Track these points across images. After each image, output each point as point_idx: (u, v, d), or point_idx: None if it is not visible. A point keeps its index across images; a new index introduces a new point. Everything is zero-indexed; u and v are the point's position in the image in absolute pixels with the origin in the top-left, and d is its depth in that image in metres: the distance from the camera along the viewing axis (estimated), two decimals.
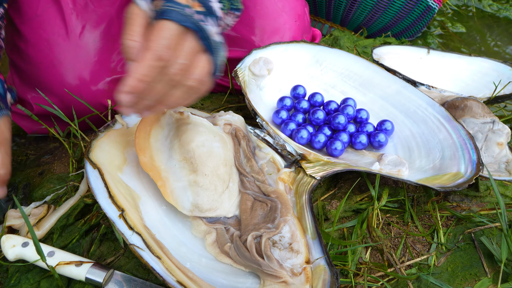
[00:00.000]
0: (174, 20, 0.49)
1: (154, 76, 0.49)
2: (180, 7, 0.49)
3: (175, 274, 0.51)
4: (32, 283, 0.61)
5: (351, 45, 1.08)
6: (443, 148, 0.72)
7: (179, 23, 0.49)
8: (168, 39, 0.49)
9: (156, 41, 0.48)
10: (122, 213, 0.56)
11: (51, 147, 0.84)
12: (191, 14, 0.50)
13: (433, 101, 0.78)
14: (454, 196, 0.71)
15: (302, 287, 0.53)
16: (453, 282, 0.61)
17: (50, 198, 0.70)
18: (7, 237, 0.61)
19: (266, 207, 0.62)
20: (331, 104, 0.79)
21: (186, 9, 0.50)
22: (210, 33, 0.52)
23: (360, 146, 0.74)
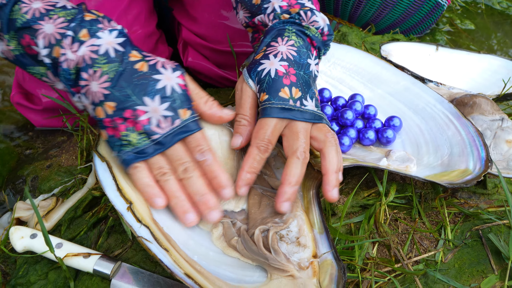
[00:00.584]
0: (277, 117, 0.58)
1: (261, 165, 0.60)
2: (281, 103, 0.58)
3: (182, 267, 0.51)
4: (40, 274, 0.61)
5: (359, 41, 1.07)
6: (451, 145, 0.71)
7: (280, 118, 0.58)
8: (270, 133, 0.59)
9: (259, 137, 0.59)
10: (130, 206, 0.56)
11: (59, 141, 0.85)
12: (293, 105, 0.59)
13: (442, 98, 0.78)
14: (462, 193, 0.71)
15: (309, 281, 0.53)
16: (460, 279, 0.61)
17: (58, 190, 0.71)
18: (16, 228, 0.62)
19: (274, 202, 0.62)
20: (339, 100, 0.79)
21: (286, 103, 0.58)
22: (309, 110, 0.59)
23: (367, 142, 0.74)
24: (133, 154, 0.56)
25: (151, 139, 0.55)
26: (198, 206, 0.57)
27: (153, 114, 0.55)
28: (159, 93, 0.55)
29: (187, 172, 0.56)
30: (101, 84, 0.55)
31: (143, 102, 0.55)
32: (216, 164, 0.58)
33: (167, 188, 0.57)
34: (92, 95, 0.55)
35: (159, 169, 0.56)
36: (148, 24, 0.88)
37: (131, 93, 0.55)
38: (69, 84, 0.57)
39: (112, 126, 0.55)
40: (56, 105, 0.81)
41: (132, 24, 0.83)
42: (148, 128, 0.55)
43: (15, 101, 0.84)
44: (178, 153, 0.56)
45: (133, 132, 0.55)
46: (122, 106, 0.54)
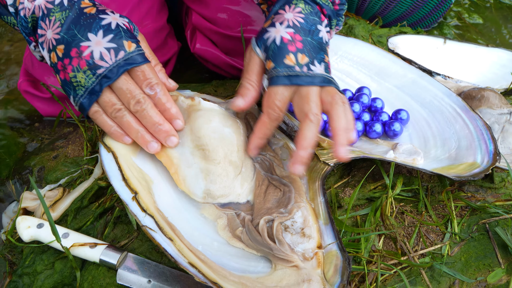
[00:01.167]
0: (284, 84, 0.59)
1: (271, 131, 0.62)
2: (286, 70, 0.59)
3: (187, 256, 0.51)
4: (47, 264, 0.62)
5: (366, 34, 1.07)
6: (459, 138, 0.71)
7: (288, 84, 0.59)
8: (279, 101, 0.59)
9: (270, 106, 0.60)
10: (135, 196, 0.56)
11: (65, 132, 0.85)
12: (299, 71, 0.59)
13: (450, 91, 0.77)
14: (469, 187, 0.70)
15: (313, 271, 0.53)
16: (466, 272, 0.60)
17: (64, 181, 0.71)
18: (22, 218, 0.62)
19: (279, 192, 0.62)
20: (346, 93, 0.78)
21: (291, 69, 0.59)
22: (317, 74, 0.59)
23: (374, 135, 0.73)
24: (87, 97, 0.57)
25: (97, 74, 0.56)
26: (156, 136, 0.60)
27: (96, 47, 0.56)
28: (103, 28, 0.57)
29: (140, 104, 0.58)
30: (54, 31, 0.57)
31: (87, 38, 0.56)
32: (165, 96, 0.60)
33: (124, 123, 0.59)
34: (47, 43, 0.58)
35: (112, 107, 0.58)
36: (159, 18, 0.88)
37: (76, 32, 0.56)
38: (25, 32, 0.60)
39: (63, 69, 0.57)
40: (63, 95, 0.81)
41: (144, 18, 0.83)
42: (92, 63, 0.55)
43: (22, 89, 0.85)
44: (127, 86, 0.57)
45: (79, 72, 0.56)
46: (68, 46, 0.56)
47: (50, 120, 0.90)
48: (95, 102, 0.58)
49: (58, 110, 0.86)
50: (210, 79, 0.93)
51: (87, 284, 0.59)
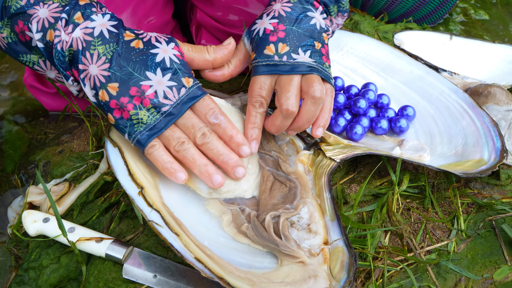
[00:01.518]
0: (264, 74, 0.61)
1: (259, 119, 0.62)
2: (265, 59, 0.61)
3: (193, 251, 0.51)
4: (52, 258, 0.62)
5: (371, 29, 1.06)
6: (466, 135, 0.70)
7: (268, 74, 0.61)
8: (259, 89, 0.61)
9: (252, 95, 0.62)
10: (141, 191, 0.56)
11: (70, 127, 0.85)
12: (278, 61, 0.60)
13: (457, 87, 0.77)
14: (475, 184, 0.70)
15: (319, 267, 0.53)
16: (472, 269, 0.60)
17: (70, 175, 0.71)
18: (28, 212, 0.62)
19: (285, 188, 0.62)
20: (352, 89, 0.78)
21: (270, 59, 0.61)
22: (298, 62, 0.60)
23: (380, 131, 0.73)
24: (147, 133, 0.56)
25: (161, 111, 0.55)
26: (223, 167, 0.59)
27: (158, 86, 0.55)
28: (159, 66, 0.56)
29: (206, 137, 0.57)
30: (100, 67, 0.55)
31: (147, 77, 0.55)
32: (230, 124, 0.59)
33: (188, 156, 0.57)
34: (92, 80, 0.55)
35: (177, 139, 0.56)
36: (165, 13, 0.87)
37: (132, 70, 0.55)
38: (62, 66, 0.57)
39: (119, 107, 0.55)
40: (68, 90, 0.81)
41: (149, 13, 0.83)
42: (157, 101, 0.55)
43: (28, 83, 0.84)
44: (192, 120, 0.57)
45: (141, 110, 0.55)
46: (126, 85, 0.55)
47: (55, 114, 0.90)
48: (156, 137, 0.56)
49: (63, 104, 0.86)
50: None
51: (93, 279, 0.59)
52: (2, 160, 0.83)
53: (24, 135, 0.87)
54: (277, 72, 0.60)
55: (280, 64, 0.60)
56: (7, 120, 0.91)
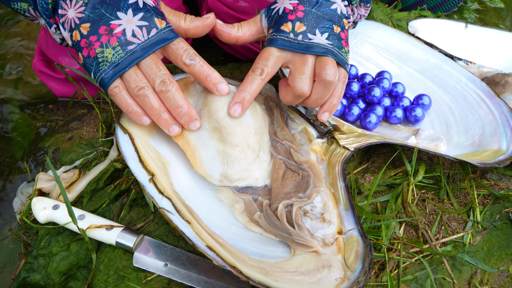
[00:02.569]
0: (276, 46, 0.60)
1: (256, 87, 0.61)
2: (281, 34, 0.60)
3: (205, 239, 0.51)
4: (62, 245, 0.61)
5: (384, 17, 1.04)
6: (483, 125, 0.69)
7: (280, 48, 0.60)
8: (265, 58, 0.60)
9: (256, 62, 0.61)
10: (152, 178, 0.55)
11: (80, 113, 0.84)
12: (293, 39, 0.59)
13: (474, 76, 0.75)
14: (492, 175, 0.68)
15: (333, 257, 0.52)
16: (488, 262, 0.59)
17: (80, 162, 0.70)
18: (38, 199, 0.62)
19: (297, 177, 0.61)
20: (366, 77, 0.76)
21: (285, 35, 0.60)
22: (314, 43, 0.59)
23: (395, 121, 0.71)
24: (111, 71, 0.55)
25: (127, 50, 0.55)
26: (179, 119, 0.58)
27: (128, 25, 0.55)
28: (131, 6, 0.55)
29: (165, 85, 0.56)
30: (77, 10, 0.56)
31: (117, 17, 0.55)
32: (206, 65, 0.58)
33: (147, 104, 0.57)
34: (68, 23, 0.56)
35: (135, 84, 0.56)
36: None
37: (104, 12, 0.55)
38: (46, 14, 0.58)
39: (87, 46, 0.55)
40: (77, 76, 0.80)
41: None
42: (124, 39, 0.55)
43: (37, 69, 0.84)
44: (154, 65, 0.56)
45: (108, 48, 0.55)
46: (96, 25, 0.55)
47: (64, 101, 0.89)
48: (119, 77, 0.56)
49: (72, 91, 0.85)
50: (226, 62, 0.92)
51: (103, 267, 0.58)
52: (11, 147, 0.82)
53: (32, 122, 0.87)
54: (290, 49, 0.59)
55: (294, 42, 0.59)
56: (15, 106, 0.91)
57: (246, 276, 0.47)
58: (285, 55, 0.60)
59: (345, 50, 0.62)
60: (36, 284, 0.60)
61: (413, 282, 0.56)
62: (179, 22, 0.60)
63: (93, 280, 0.58)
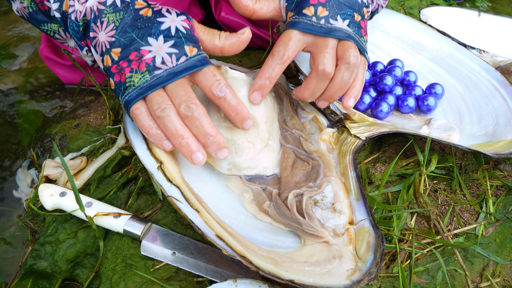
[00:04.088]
0: (298, 29, 0.58)
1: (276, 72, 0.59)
2: (303, 18, 0.58)
3: (214, 228, 0.50)
4: (69, 233, 0.61)
5: (396, 5, 1.02)
6: (497, 115, 0.67)
7: (302, 31, 0.58)
8: (286, 42, 0.58)
9: (276, 45, 0.59)
10: (160, 165, 0.55)
11: (87, 100, 0.83)
12: (316, 22, 0.58)
13: (488, 65, 0.73)
14: (505, 166, 0.67)
15: (344, 248, 0.51)
16: (501, 254, 0.58)
17: (87, 149, 0.69)
18: (45, 186, 0.61)
19: (307, 166, 0.60)
20: (378, 65, 0.75)
21: (308, 18, 0.58)
22: (335, 27, 0.58)
23: (407, 110, 0.70)
24: (135, 94, 0.53)
25: (153, 75, 0.53)
26: (207, 148, 0.55)
27: (158, 52, 0.53)
28: (163, 33, 0.54)
29: (191, 110, 0.53)
30: (108, 33, 0.54)
31: (148, 43, 0.53)
32: (236, 99, 0.55)
33: (168, 125, 0.53)
34: (100, 46, 0.55)
35: (158, 104, 0.53)
36: None
37: (135, 37, 0.53)
38: (77, 36, 0.57)
39: (118, 71, 0.54)
40: (84, 62, 0.79)
41: None
42: (152, 65, 0.53)
43: (43, 55, 0.83)
44: (179, 89, 0.53)
45: (137, 73, 0.53)
46: (127, 50, 0.53)
47: (71, 88, 0.88)
48: (142, 99, 0.54)
49: (79, 77, 0.84)
50: None
51: (111, 255, 0.58)
52: (17, 134, 0.82)
53: (39, 109, 0.86)
54: (312, 32, 0.58)
55: (316, 25, 0.58)
56: (22, 93, 0.90)
57: (256, 266, 0.46)
58: (307, 39, 0.59)
59: (364, 39, 0.61)
60: (43, 271, 0.60)
61: (424, 274, 0.56)
62: (213, 40, 0.58)
63: (101, 268, 0.58)
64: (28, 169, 0.75)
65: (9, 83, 0.92)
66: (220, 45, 0.58)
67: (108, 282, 0.56)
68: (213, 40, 0.58)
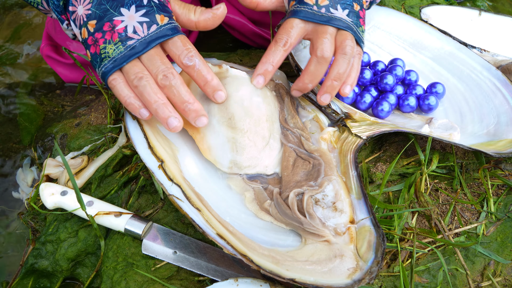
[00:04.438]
0: (299, 18, 0.60)
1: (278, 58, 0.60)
2: (305, 6, 0.60)
3: (215, 227, 0.50)
4: (70, 232, 0.61)
5: (396, 4, 1.02)
6: (498, 114, 0.67)
7: (303, 19, 0.60)
8: (288, 29, 0.60)
9: (279, 32, 0.61)
10: (161, 164, 0.55)
11: (87, 99, 0.83)
12: (317, 11, 0.60)
13: (489, 64, 0.73)
14: (506, 165, 0.67)
15: (345, 247, 0.51)
16: (502, 253, 0.58)
17: (88, 148, 0.69)
18: (46, 185, 0.61)
19: (308, 165, 0.59)
20: (379, 65, 0.75)
21: (309, 7, 0.60)
22: (335, 16, 0.60)
23: (408, 109, 0.70)
24: (111, 65, 0.54)
25: (126, 45, 0.54)
26: (185, 115, 0.56)
27: (129, 21, 0.54)
28: (135, 3, 0.55)
29: (168, 79, 0.54)
30: (85, 6, 0.55)
31: (120, 13, 0.54)
32: (205, 67, 0.56)
33: (145, 93, 0.53)
34: (78, 20, 0.56)
35: (135, 74, 0.54)
36: None
37: (109, 7, 0.55)
38: (57, 10, 0.58)
39: (93, 43, 0.55)
40: (85, 61, 0.79)
41: None
42: (124, 35, 0.54)
43: (44, 53, 0.83)
44: (155, 59, 0.54)
45: (110, 44, 0.54)
46: (101, 21, 0.54)
47: (72, 86, 0.88)
48: (118, 70, 0.55)
49: (80, 76, 0.84)
50: (235, 48, 0.90)
51: (112, 254, 0.58)
52: (18, 132, 0.82)
53: (40, 108, 0.86)
54: (313, 20, 0.60)
55: (317, 14, 0.60)
56: (22, 92, 0.90)
57: (257, 265, 0.46)
58: (308, 27, 0.61)
59: (362, 29, 0.63)
60: (44, 270, 0.60)
61: (425, 273, 0.56)
62: (188, 15, 0.59)
63: (102, 267, 0.58)
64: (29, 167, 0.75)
65: (10, 81, 0.92)
66: (195, 19, 0.59)
67: (109, 281, 0.56)
68: (188, 15, 0.59)
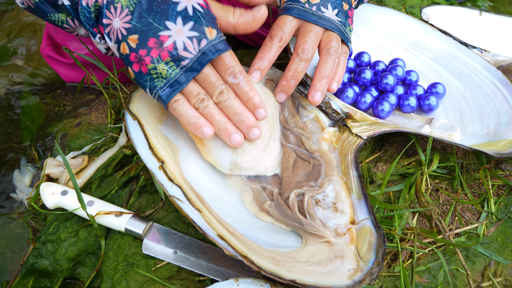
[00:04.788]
0: (292, 15, 0.62)
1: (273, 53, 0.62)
2: (296, 4, 0.62)
3: (215, 228, 0.50)
4: (71, 231, 0.61)
5: (397, 4, 1.02)
6: (498, 114, 0.67)
7: (295, 16, 0.62)
8: (281, 25, 0.62)
9: (273, 29, 0.62)
10: (162, 165, 0.55)
11: (88, 99, 0.83)
12: (308, 8, 0.62)
13: (489, 65, 0.73)
14: (506, 165, 0.67)
15: (346, 248, 0.51)
16: (502, 253, 0.58)
17: (88, 148, 0.69)
18: (47, 184, 0.61)
19: (309, 166, 0.59)
20: (379, 65, 0.75)
21: (301, 4, 0.62)
22: (325, 16, 0.62)
23: (408, 109, 0.70)
24: (168, 88, 0.54)
25: (181, 66, 0.53)
26: (239, 126, 0.58)
27: (177, 37, 0.52)
28: (180, 15, 0.52)
29: (223, 95, 0.56)
30: (123, 19, 0.52)
31: (166, 27, 0.52)
32: (248, 85, 0.57)
33: (207, 114, 0.56)
34: (115, 33, 0.54)
35: (197, 97, 0.55)
36: None
37: (152, 21, 0.52)
38: (88, 23, 0.56)
39: (138, 61, 0.53)
40: (86, 61, 0.79)
41: None
42: (176, 54, 0.52)
43: (45, 53, 0.83)
44: (211, 77, 0.55)
45: (160, 63, 0.52)
46: (145, 36, 0.52)
47: (72, 86, 0.88)
48: (179, 92, 0.55)
49: (81, 76, 0.84)
50: (235, 48, 0.90)
51: (112, 253, 0.58)
52: (19, 132, 0.82)
53: (42, 107, 0.86)
54: (304, 18, 0.61)
55: (308, 12, 0.61)
56: (25, 91, 0.90)
57: (258, 266, 0.46)
58: (298, 24, 0.62)
59: (350, 28, 0.64)
60: (44, 270, 0.60)
61: (426, 273, 0.56)
62: (227, 17, 0.57)
63: (102, 266, 0.58)
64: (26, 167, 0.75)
65: (10, 81, 0.92)
66: (234, 22, 0.58)
67: (110, 281, 0.56)
68: (226, 17, 0.57)
